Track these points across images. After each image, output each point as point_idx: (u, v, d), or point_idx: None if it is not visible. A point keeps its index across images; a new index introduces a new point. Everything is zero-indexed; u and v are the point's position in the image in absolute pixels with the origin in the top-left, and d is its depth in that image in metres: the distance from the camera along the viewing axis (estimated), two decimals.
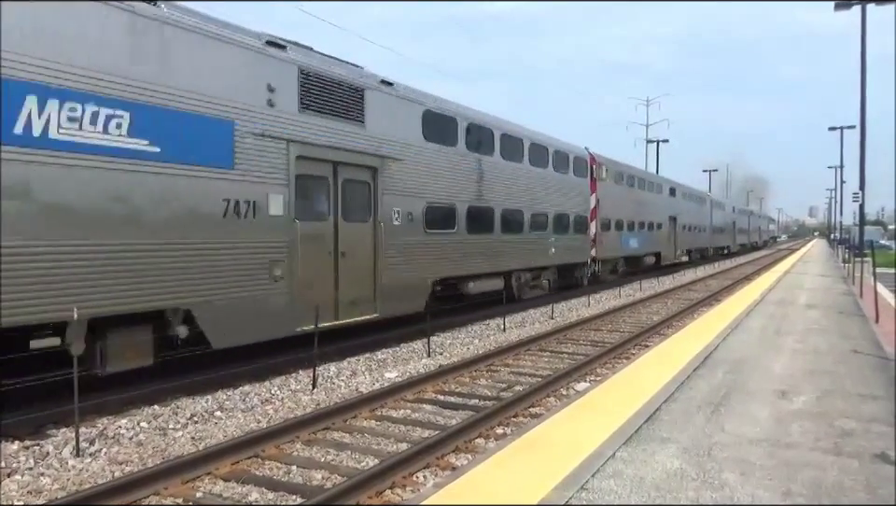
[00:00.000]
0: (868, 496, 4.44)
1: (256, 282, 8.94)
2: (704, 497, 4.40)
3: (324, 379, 9.48)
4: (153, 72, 7.62)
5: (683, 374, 8.00)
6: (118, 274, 7.26)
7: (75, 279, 6.86)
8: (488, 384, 9.46)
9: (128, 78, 7.33)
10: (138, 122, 7.41)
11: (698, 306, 18.14)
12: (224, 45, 8.58)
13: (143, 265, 7.53)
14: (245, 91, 8.82)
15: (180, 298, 7.97)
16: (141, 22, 7.51)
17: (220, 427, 7.34)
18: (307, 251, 9.82)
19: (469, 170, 14.52)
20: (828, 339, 10.80)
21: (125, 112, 7.30)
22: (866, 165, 21.32)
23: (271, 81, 9.22)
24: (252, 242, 8.90)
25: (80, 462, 6.18)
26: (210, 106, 8.30)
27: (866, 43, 24.92)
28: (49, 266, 6.66)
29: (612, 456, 5.14)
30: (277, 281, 9.25)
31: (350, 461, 6.33)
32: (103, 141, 7.10)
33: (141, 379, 8.80)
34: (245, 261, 8.79)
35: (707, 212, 44.48)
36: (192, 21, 8.17)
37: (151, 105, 7.57)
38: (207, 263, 8.27)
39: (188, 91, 8.01)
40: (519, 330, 14.38)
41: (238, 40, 8.82)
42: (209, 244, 8.30)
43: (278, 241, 9.32)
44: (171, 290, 7.83)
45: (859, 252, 28.00)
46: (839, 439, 5.64)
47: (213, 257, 8.34)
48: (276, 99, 9.30)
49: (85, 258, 6.96)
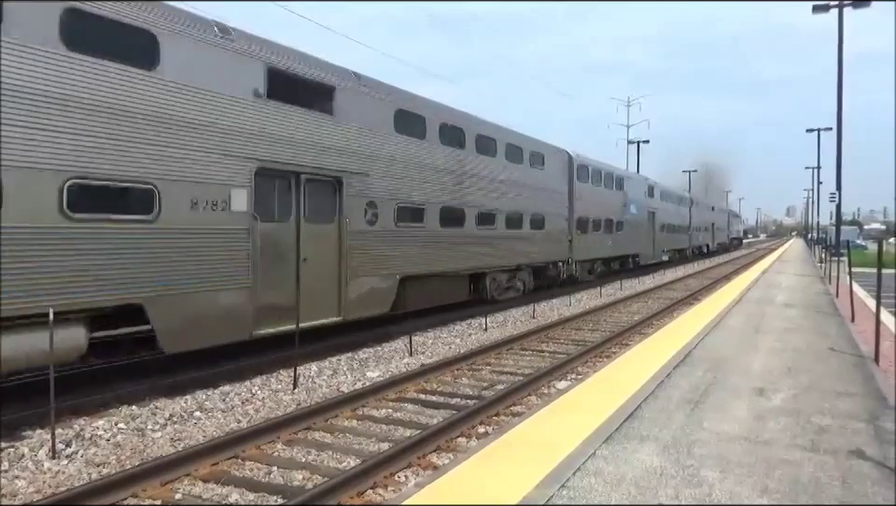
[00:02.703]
0: (844, 492, 4.50)
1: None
2: (683, 494, 4.44)
3: (305, 378, 9.43)
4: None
5: (663, 373, 8.06)
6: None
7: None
8: (470, 383, 9.46)
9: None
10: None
11: (678, 305, 18.30)
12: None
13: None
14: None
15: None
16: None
17: (200, 427, 7.27)
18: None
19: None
20: (805, 337, 10.95)
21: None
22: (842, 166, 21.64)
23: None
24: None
25: (56, 464, 6.09)
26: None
27: (843, 46, 25.29)
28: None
29: (593, 455, 5.16)
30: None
31: (331, 461, 6.30)
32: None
33: (119, 379, 8.70)
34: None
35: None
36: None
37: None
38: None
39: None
40: (501, 330, 14.41)
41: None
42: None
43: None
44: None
45: (835, 252, 28.44)
46: (816, 436, 5.71)
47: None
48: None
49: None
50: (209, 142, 8.67)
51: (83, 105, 7.24)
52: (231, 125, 8.99)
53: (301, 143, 10.20)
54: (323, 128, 10.70)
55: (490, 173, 16.30)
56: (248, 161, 9.23)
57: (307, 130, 10.35)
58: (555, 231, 20.69)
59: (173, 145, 8.19)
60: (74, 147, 7.14)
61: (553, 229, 20.50)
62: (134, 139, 7.74)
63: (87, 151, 7.25)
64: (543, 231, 19.68)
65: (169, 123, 8.15)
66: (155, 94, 8.00)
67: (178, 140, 8.27)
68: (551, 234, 20.28)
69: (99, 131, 7.37)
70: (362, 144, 11.60)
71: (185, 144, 8.35)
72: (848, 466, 4.99)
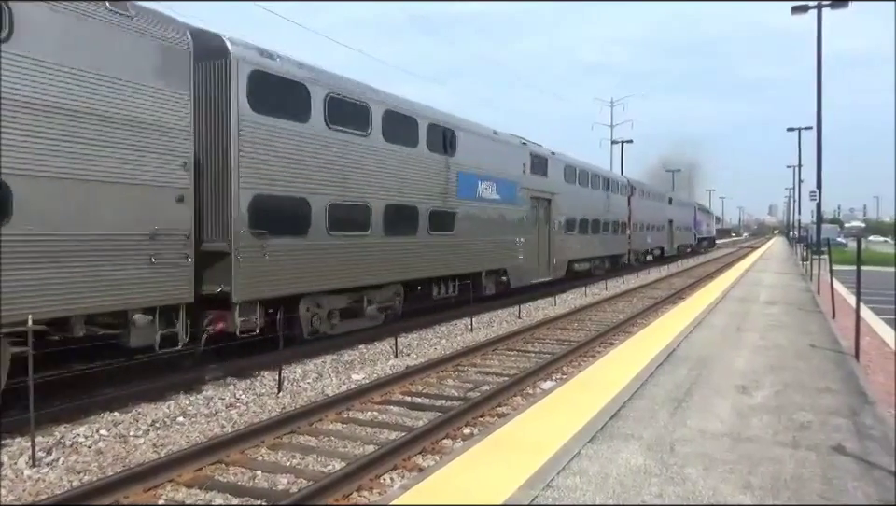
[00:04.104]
0: (825, 488, 4.55)
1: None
2: (667, 492, 4.46)
3: (290, 382, 9.37)
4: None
5: (647, 371, 8.11)
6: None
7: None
8: (455, 384, 9.46)
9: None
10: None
11: (662, 304, 18.42)
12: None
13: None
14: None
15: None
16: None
17: (183, 433, 7.20)
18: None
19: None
20: (787, 335, 11.06)
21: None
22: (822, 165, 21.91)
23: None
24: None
25: (37, 472, 6.00)
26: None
27: (822, 47, 25.61)
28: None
29: (578, 454, 5.18)
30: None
31: (316, 465, 6.27)
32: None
33: (100, 385, 8.60)
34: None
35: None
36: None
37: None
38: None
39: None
40: (486, 330, 14.42)
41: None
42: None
43: None
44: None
45: (816, 250, 28.78)
46: (797, 432, 5.77)
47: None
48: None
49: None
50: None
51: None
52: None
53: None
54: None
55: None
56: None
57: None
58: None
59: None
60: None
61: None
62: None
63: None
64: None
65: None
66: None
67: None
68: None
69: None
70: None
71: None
72: (829, 462, 5.05)
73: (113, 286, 7.56)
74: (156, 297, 8.07)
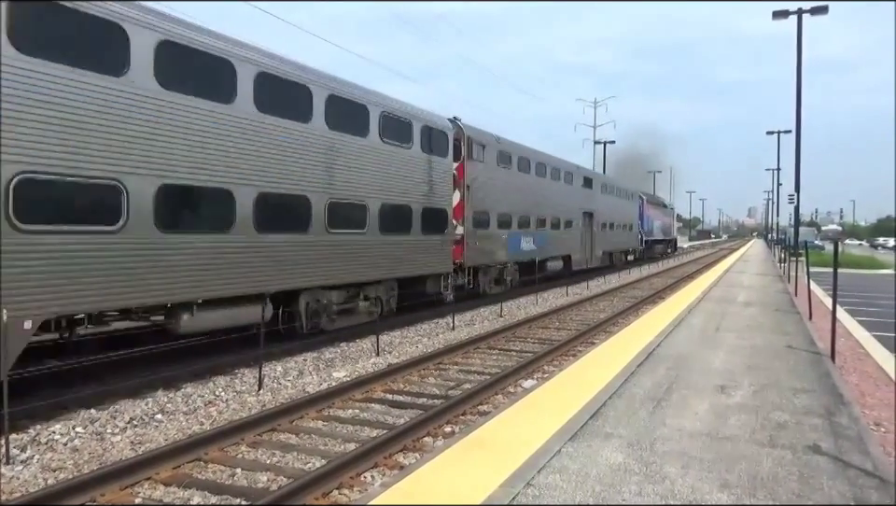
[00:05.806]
0: (801, 486, 4.62)
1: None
2: (646, 490, 4.50)
3: (270, 379, 9.31)
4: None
5: (627, 371, 8.17)
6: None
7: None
8: (437, 382, 9.46)
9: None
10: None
11: (643, 304, 18.56)
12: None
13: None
14: None
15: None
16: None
17: (161, 430, 7.13)
18: None
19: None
20: (764, 335, 11.20)
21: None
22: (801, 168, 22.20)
23: None
24: None
25: (10, 470, 5.90)
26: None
27: (802, 51, 25.93)
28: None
29: (558, 453, 5.21)
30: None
31: (296, 463, 6.23)
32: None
33: (77, 382, 8.49)
34: None
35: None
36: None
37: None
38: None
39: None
40: (468, 329, 14.44)
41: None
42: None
43: None
44: None
45: (794, 252, 29.19)
46: (774, 431, 5.85)
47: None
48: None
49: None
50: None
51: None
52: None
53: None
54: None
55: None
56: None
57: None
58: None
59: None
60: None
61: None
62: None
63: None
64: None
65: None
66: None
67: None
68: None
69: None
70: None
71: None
72: (805, 460, 5.12)
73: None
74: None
